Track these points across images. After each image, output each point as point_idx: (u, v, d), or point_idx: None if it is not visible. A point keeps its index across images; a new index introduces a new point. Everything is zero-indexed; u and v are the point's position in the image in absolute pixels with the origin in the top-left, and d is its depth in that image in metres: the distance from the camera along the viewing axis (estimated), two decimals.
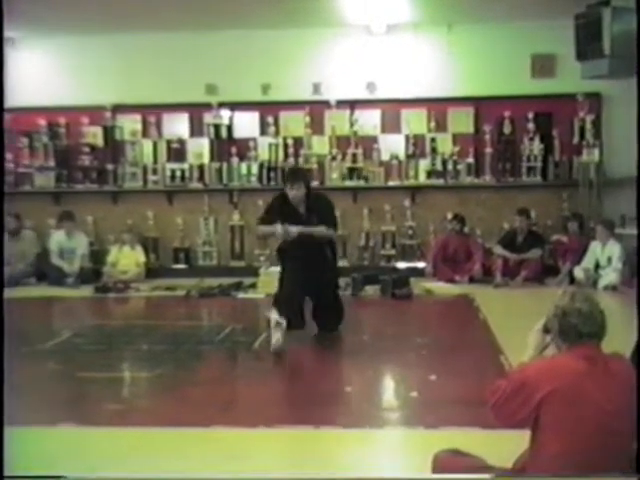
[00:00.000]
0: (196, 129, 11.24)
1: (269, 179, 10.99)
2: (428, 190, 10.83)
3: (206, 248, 11.18)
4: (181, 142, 11.23)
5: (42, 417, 4.95)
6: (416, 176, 10.85)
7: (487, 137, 10.71)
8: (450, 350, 6.69)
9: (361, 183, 10.82)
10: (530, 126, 10.62)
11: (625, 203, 10.26)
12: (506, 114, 10.65)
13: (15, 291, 9.90)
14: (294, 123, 11.03)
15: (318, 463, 4.10)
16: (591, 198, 10.36)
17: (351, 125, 10.92)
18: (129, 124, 11.28)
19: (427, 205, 10.81)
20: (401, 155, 10.91)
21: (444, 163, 10.80)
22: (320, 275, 6.99)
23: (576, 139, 10.58)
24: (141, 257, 10.76)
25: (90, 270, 10.61)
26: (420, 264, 10.56)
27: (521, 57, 10.60)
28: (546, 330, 3.17)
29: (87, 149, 11.21)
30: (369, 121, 10.95)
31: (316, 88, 10.98)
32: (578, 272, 9.64)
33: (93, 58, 11.09)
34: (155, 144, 11.26)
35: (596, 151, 10.38)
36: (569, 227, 10.22)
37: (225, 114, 11.10)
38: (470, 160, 10.75)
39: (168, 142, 11.24)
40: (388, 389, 5.98)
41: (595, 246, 9.67)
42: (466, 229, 10.51)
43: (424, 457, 3.46)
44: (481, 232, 10.74)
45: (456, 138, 10.86)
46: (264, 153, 11.07)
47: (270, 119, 11.00)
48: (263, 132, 11.09)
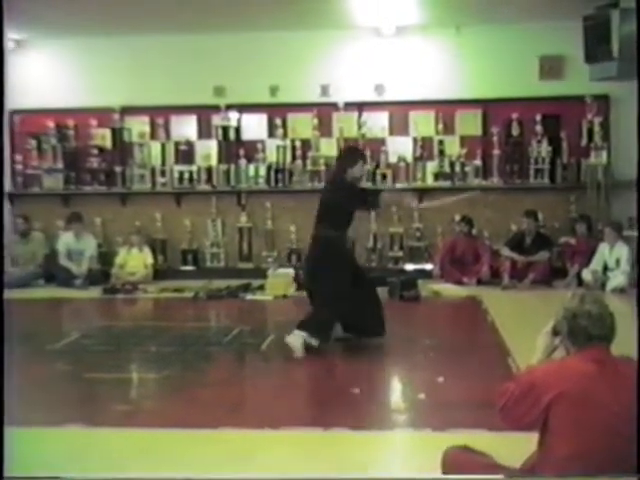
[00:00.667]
0: (204, 131, 11.26)
1: (277, 181, 10.99)
2: (436, 192, 10.76)
3: (214, 250, 11.19)
4: (189, 144, 11.24)
5: (51, 418, 4.97)
6: (424, 178, 10.85)
7: (495, 139, 10.69)
8: (458, 352, 6.68)
9: (369, 185, 10.78)
10: (538, 128, 10.60)
11: (633, 205, 10.23)
12: (514, 116, 10.64)
13: (24, 292, 9.97)
14: (302, 125, 11.04)
15: (326, 465, 4.10)
16: (599, 200, 10.34)
17: (359, 127, 10.92)
18: (137, 126, 11.31)
19: (435, 207, 10.79)
20: (409, 157, 10.90)
21: (452, 165, 10.79)
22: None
23: (584, 141, 10.55)
24: (149, 259, 10.77)
25: (98, 271, 10.64)
26: (428, 266, 10.56)
27: (529, 59, 10.59)
28: (555, 332, 3.17)
29: (95, 151, 11.23)
30: (377, 123, 10.96)
31: (324, 90, 10.98)
32: (586, 274, 9.63)
33: (101, 60, 11.13)
34: (163, 146, 11.28)
35: (604, 153, 10.37)
36: (577, 229, 10.21)
37: (233, 116, 11.11)
38: (478, 162, 10.74)
39: (176, 144, 11.26)
40: (396, 391, 5.98)
41: (603, 248, 9.66)
42: (474, 231, 10.50)
43: (432, 459, 3.46)
44: (489, 234, 10.73)
45: (464, 140, 10.85)
46: (272, 155, 11.08)
47: (278, 121, 11.01)
48: (271, 134, 11.10)
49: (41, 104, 11.15)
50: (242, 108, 11.11)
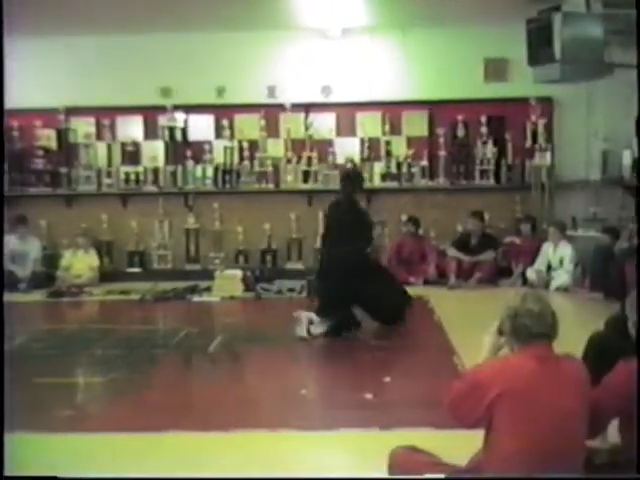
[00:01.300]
0: (150, 132, 11.17)
1: (224, 182, 10.95)
2: (383, 193, 10.88)
3: (161, 251, 11.10)
4: (135, 145, 11.15)
5: None
6: (371, 179, 10.88)
7: (441, 140, 10.78)
8: (404, 352, 6.74)
9: (316, 186, 10.82)
10: (483, 130, 10.73)
11: (576, 205, 10.45)
12: (460, 117, 10.75)
13: None
14: (249, 126, 11.02)
15: (274, 466, 4.10)
16: (543, 201, 10.50)
17: (306, 128, 10.94)
18: (83, 127, 11.17)
19: (382, 207, 10.84)
20: (356, 158, 10.94)
21: (399, 166, 10.86)
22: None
23: (528, 143, 10.70)
24: (95, 261, 10.65)
25: (43, 274, 10.48)
26: None
27: (474, 61, 10.72)
28: (500, 332, 3.21)
29: (40, 152, 11.06)
30: (324, 124, 10.99)
31: (271, 91, 10.98)
32: (531, 273, 9.77)
33: (46, 60, 10.97)
34: (109, 147, 11.17)
35: (548, 155, 10.52)
36: (522, 229, 10.34)
37: (180, 117, 11.05)
38: (424, 163, 10.83)
39: (122, 145, 11.16)
40: (343, 391, 5.98)
41: (547, 248, 9.80)
42: (421, 231, 10.58)
43: (379, 458, 3.48)
44: (435, 234, 10.82)
45: (410, 141, 10.94)
46: (219, 156, 11.03)
47: (225, 122, 10.97)
48: (218, 135, 11.06)
49: None
50: (189, 109, 11.05)
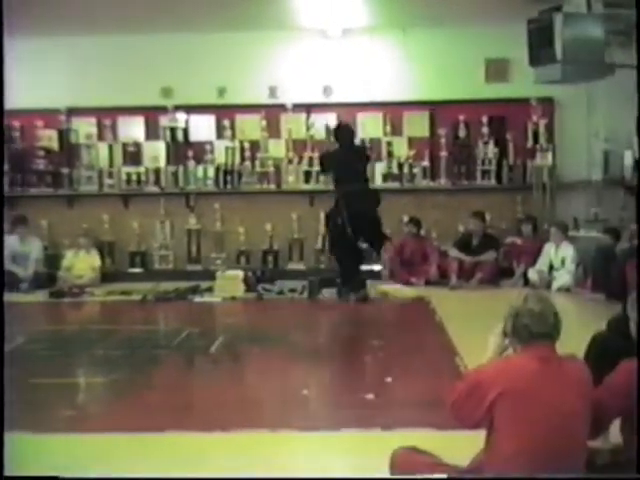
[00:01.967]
0: (152, 132, 11.17)
1: (225, 182, 10.96)
2: (384, 193, 10.78)
3: (162, 252, 11.11)
4: (137, 145, 11.16)
5: None
6: (372, 179, 10.88)
7: (442, 141, 10.78)
8: (406, 352, 6.73)
9: (318, 186, 10.82)
10: (484, 130, 10.73)
11: (577, 206, 10.45)
12: (461, 118, 10.75)
13: None
14: (250, 126, 11.02)
15: (275, 466, 4.10)
16: (544, 201, 10.50)
17: (307, 129, 10.94)
18: (84, 127, 11.18)
19: (383, 208, 10.81)
20: None
21: (400, 166, 10.87)
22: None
23: (530, 143, 10.71)
24: (97, 261, 10.66)
25: (44, 275, 10.48)
26: (376, 267, 10.59)
27: (475, 61, 10.72)
28: (505, 333, 3.20)
29: (42, 152, 11.07)
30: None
31: (272, 92, 10.99)
32: (532, 274, 9.76)
33: (47, 60, 10.97)
34: (111, 147, 11.17)
35: (549, 155, 10.52)
36: (523, 230, 10.34)
37: (181, 117, 11.06)
38: (426, 163, 10.83)
39: (124, 145, 11.16)
40: (344, 391, 5.98)
41: (549, 248, 9.79)
42: (422, 232, 10.58)
43: (381, 458, 3.48)
44: (437, 235, 10.83)
45: (412, 142, 10.94)
46: (220, 156, 11.04)
47: (226, 122, 10.97)
48: (219, 135, 11.07)
49: None
50: (190, 109, 11.06)
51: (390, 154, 10.90)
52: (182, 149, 11.04)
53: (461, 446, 3.36)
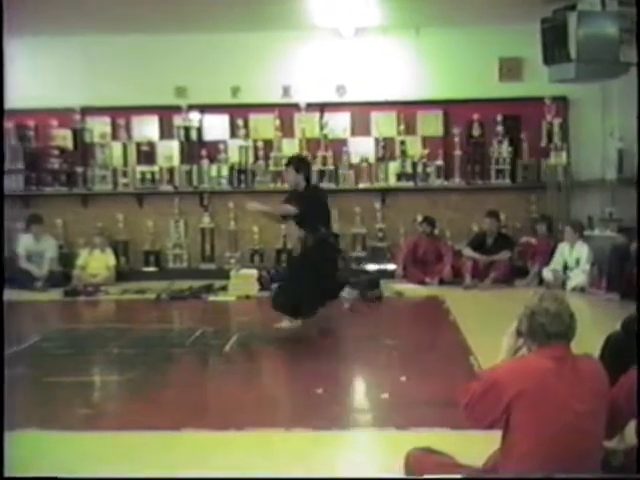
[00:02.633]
0: (166, 131, 11.20)
1: (239, 181, 10.98)
2: (398, 193, 10.88)
3: (176, 251, 11.13)
4: (151, 145, 11.19)
5: (10, 422, 4.91)
6: (386, 179, 10.90)
7: (456, 140, 10.76)
8: (420, 351, 6.72)
9: (331, 185, 10.82)
10: (499, 129, 10.70)
11: (592, 205, 10.41)
12: (475, 117, 10.73)
13: None
14: (264, 126, 11.03)
15: (289, 465, 4.11)
16: (559, 200, 10.46)
17: (321, 128, 10.94)
18: (98, 127, 11.22)
19: (397, 207, 10.86)
20: (371, 158, 10.95)
21: (414, 166, 10.84)
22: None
23: (544, 142, 10.67)
24: (111, 260, 10.69)
25: (59, 273, 10.53)
26: (390, 266, 10.58)
27: (489, 60, 10.69)
28: (519, 333, 3.20)
29: (56, 152, 11.12)
30: (339, 124, 10.99)
31: (286, 91, 10.99)
32: (547, 273, 9.72)
33: (62, 60, 11.03)
34: (125, 147, 11.21)
35: (564, 154, 10.49)
36: (538, 229, 10.31)
37: (195, 117, 11.08)
38: (439, 163, 10.80)
39: (138, 145, 11.19)
40: (359, 390, 6.00)
41: (563, 247, 9.76)
42: (436, 231, 10.56)
43: (395, 457, 3.48)
44: (451, 234, 10.81)
45: (425, 141, 10.92)
46: (234, 155, 11.05)
47: (240, 122, 10.99)
48: (233, 135, 11.08)
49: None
50: (204, 109, 11.08)
51: (404, 153, 10.87)
52: (196, 148, 11.06)
53: (476, 446, 3.36)
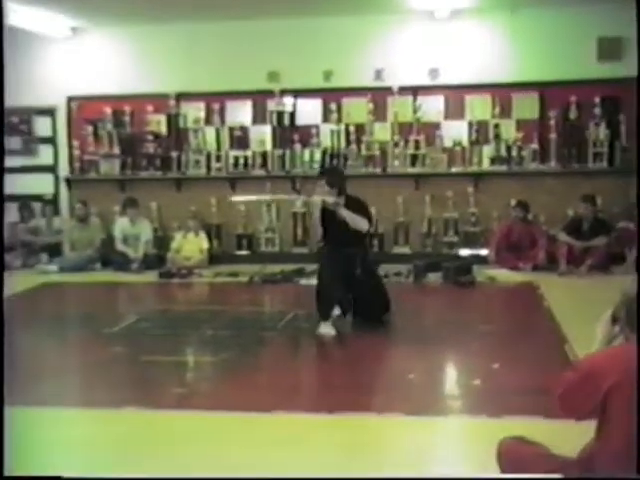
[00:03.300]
0: (259, 116, 11.29)
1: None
2: (492, 176, 10.72)
3: (269, 234, 11.23)
4: (244, 129, 11.29)
5: (108, 400, 5.05)
6: (479, 162, 10.76)
7: (552, 122, 10.52)
8: (513, 338, 6.63)
9: (424, 170, 10.74)
10: (596, 111, 10.42)
11: None
12: (572, 99, 10.47)
13: (81, 276, 10.17)
14: (356, 110, 11.01)
15: (380, 450, 4.11)
16: None
17: (414, 112, 10.85)
18: (192, 112, 11.37)
19: (490, 192, 10.70)
20: (464, 141, 10.82)
21: (508, 149, 10.67)
22: (354, 271, 6.99)
23: None
24: (204, 243, 10.85)
25: (154, 256, 10.74)
26: (483, 251, 10.46)
27: (586, 40, 10.40)
28: (614, 320, 3.11)
29: (151, 137, 11.33)
30: (432, 107, 10.87)
31: (378, 74, 10.93)
32: None
33: (157, 46, 11.22)
34: (218, 131, 11.34)
35: None
36: (636, 214, 10.02)
37: (288, 101, 11.13)
38: (535, 146, 10.60)
39: (231, 129, 11.30)
40: (451, 377, 5.96)
41: None
42: (530, 216, 10.37)
43: (487, 446, 3.44)
44: (545, 219, 10.59)
45: (520, 124, 10.72)
46: (326, 140, 11.06)
47: (333, 106, 10.98)
48: (325, 119, 11.09)
49: (98, 90, 11.29)
50: (296, 93, 11.12)
51: (498, 137, 10.70)
52: (288, 133, 11.12)
53: (570, 436, 3.28)
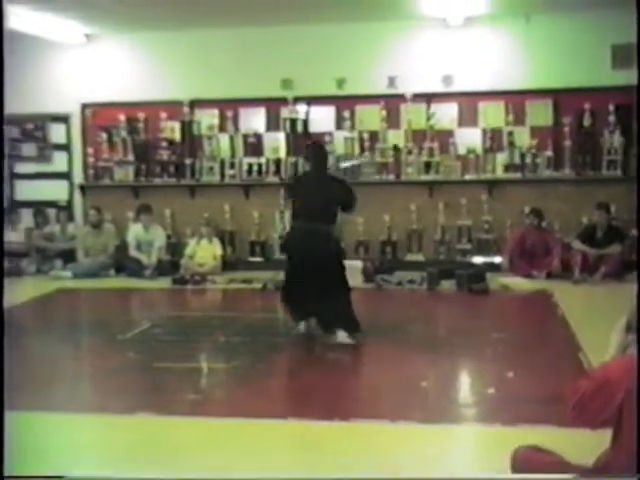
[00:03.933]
0: (272, 123, 11.30)
1: (344, 173, 10.97)
2: (505, 184, 10.70)
3: (282, 241, 11.22)
4: (257, 136, 11.31)
5: (120, 405, 5.06)
6: (493, 170, 10.73)
7: (566, 130, 10.49)
8: (527, 346, 6.61)
9: (437, 177, 10.73)
10: (611, 119, 10.38)
11: None
12: (586, 106, 10.43)
13: (95, 282, 10.20)
14: (370, 117, 11.01)
15: (393, 457, 4.09)
16: None
17: (427, 119, 10.85)
18: (206, 119, 11.40)
19: (504, 199, 10.68)
20: (478, 149, 10.80)
21: (522, 156, 10.64)
22: (324, 270, 6.76)
23: None
24: (218, 250, 10.86)
25: (168, 262, 10.79)
26: (497, 259, 10.44)
27: (601, 47, 10.37)
28: (628, 328, 3.10)
29: (165, 143, 11.37)
30: (446, 114, 10.86)
31: (392, 81, 10.93)
32: None
33: (171, 53, 11.26)
34: (232, 138, 11.36)
35: None
36: None
37: (301, 108, 11.14)
38: (549, 153, 10.57)
39: (245, 136, 11.33)
40: (465, 385, 5.94)
41: None
42: (544, 223, 10.34)
43: (501, 454, 3.42)
44: (559, 226, 10.56)
45: (534, 131, 10.69)
46: (340, 147, 11.07)
47: (346, 113, 10.99)
48: (339, 126, 11.10)
49: (112, 97, 11.34)
50: (310, 100, 11.13)
51: (512, 144, 10.68)
52: (302, 140, 11.11)
53: (585, 444, 3.27)
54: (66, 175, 11.88)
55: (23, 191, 12.00)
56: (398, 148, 10.87)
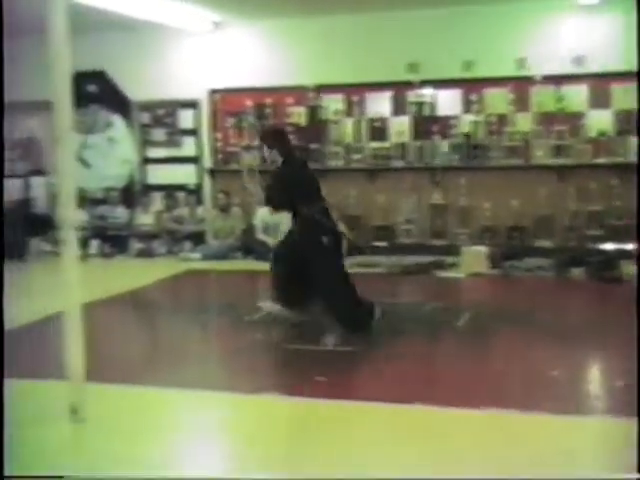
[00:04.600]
0: (398, 107, 11.24)
1: (472, 157, 10.84)
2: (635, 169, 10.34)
3: (407, 226, 11.19)
4: (383, 121, 11.28)
5: (246, 386, 5.15)
6: (625, 153, 10.38)
7: None
8: None
9: (567, 161, 10.46)
10: None
11: None
12: None
13: (223, 264, 10.45)
14: (497, 100, 10.82)
15: (523, 448, 4.02)
16: None
17: (557, 101, 10.57)
18: (332, 104, 11.45)
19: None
20: (610, 131, 10.47)
21: None
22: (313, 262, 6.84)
23: None
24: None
25: None
26: (629, 246, 10.10)
27: None
28: None
29: (291, 129, 11.47)
30: (576, 97, 10.57)
31: (520, 64, 10.70)
32: None
33: (297, 40, 11.36)
34: (357, 123, 11.37)
35: None
36: None
37: (427, 92, 11.05)
38: None
39: (370, 121, 11.32)
40: (593, 376, 5.78)
41: None
42: None
43: (631, 449, 3.32)
44: None
45: None
46: (466, 130, 10.93)
47: (473, 96, 10.84)
48: (466, 109, 10.95)
49: (239, 83, 11.52)
50: (436, 84, 11.02)
51: None
52: (428, 124, 11.04)
53: None
54: (195, 159, 12.16)
55: (154, 175, 12.36)
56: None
